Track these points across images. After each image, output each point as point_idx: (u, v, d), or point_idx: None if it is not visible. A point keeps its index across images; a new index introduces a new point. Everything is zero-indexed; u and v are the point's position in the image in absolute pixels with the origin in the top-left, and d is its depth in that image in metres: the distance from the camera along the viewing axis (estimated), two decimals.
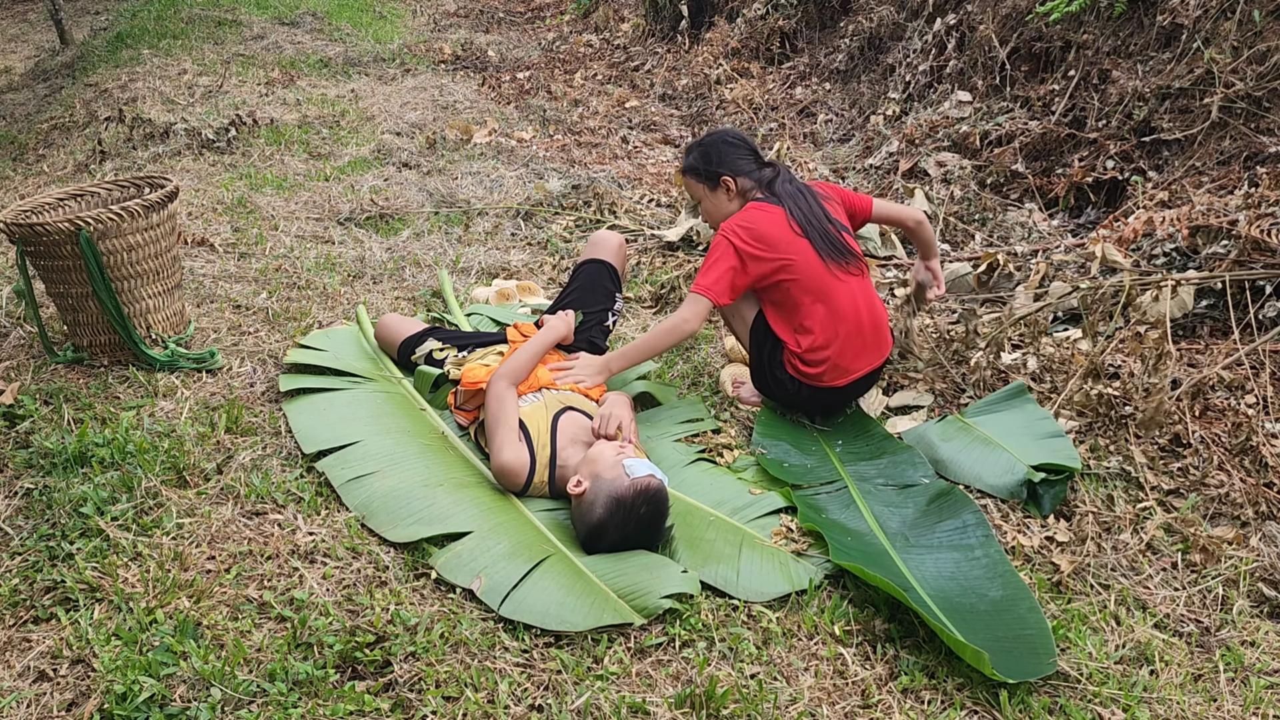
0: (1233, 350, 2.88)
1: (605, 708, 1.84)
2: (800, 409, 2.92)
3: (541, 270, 4.04)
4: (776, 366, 2.82)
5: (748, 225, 2.73)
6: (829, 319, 2.74)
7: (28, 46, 10.05)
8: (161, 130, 5.38)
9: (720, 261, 2.71)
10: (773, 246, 2.70)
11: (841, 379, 2.79)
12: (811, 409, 2.91)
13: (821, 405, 2.89)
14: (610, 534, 2.25)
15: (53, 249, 2.83)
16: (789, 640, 2.05)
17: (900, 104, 5.46)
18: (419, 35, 9.00)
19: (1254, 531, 2.38)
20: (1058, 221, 4.17)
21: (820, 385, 2.79)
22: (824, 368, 2.76)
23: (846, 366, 2.78)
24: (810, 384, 2.79)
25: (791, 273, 2.71)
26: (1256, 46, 3.78)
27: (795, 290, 2.73)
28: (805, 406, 2.90)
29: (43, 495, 2.36)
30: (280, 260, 3.90)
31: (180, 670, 1.85)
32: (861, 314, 2.79)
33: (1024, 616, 2.07)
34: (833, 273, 2.73)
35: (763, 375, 2.88)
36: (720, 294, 2.71)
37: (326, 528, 2.31)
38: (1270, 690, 1.97)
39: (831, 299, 2.73)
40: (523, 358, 2.70)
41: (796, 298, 2.73)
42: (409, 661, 1.92)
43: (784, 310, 2.77)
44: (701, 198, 2.94)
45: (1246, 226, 3.08)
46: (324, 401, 2.80)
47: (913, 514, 2.47)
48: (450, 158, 5.37)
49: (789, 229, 2.73)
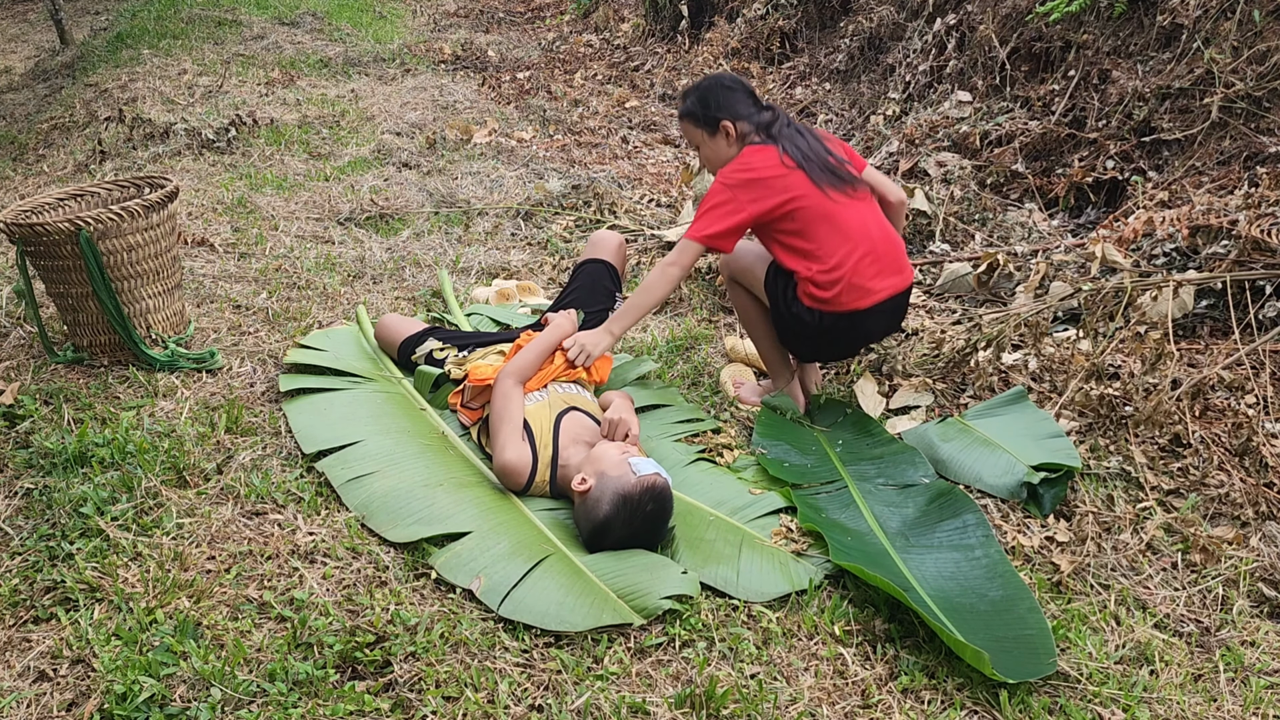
0: (1233, 350, 2.88)
1: (605, 708, 1.84)
2: (827, 347, 2.83)
3: (541, 270, 4.04)
4: (793, 302, 2.74)
5: (742, 168, 2.67)
6: (836, 239, 2.66)
7: (28, 46, 10.05)
8: (161, 130, 5.38)
9: (716, 209, 2.65)
10: (768, 184, 2.65)
11: (862, 300, 2.69)
12: (837, 343, 2.81)
13: (847, 337, 2.79)
14: (616, 530, 2.25)
15: (53, 249, 2.83)
16: (789, 640, 2.05)
17: (900, 104, 5.46)
18: (419, 35, 9.00)
19: (1254, 531, 2.38)
20: (1058, 221, 4.17)
21: (841, 309, 2.69)
22: (839, 288, 2.66)
23: (864, 285, 2.68)
24: (830, 310, 2.69)
25: (792, 205, 2.64)
26: (1256, 46, 3.78)
27: (800, 220, 2.65)
28: (831, 342, 2.80)
29: (43, 495, 2.36)
30: (280, 260, 3.90)
31: (180, 670, 1.85)
32: (872, 233, 2.71)
33: (1024, 616, 2.07)
34: (834, 199, 2.66)
35: (782, 320, 2.80)
36: (714, 239, 2.65)
37: (326, 528, 2.31)
38: (1270, 690, 1.97)
39: (837, 220, 2.66)
40: (529, 356, 2.70)
41: (801, 227, 2.66)
42: (409, 661, 1.92)
43: (791, 244, 2.70)
44: (700, 144, 2.85)
45: (1246, 226, 3.08)
46: (324, 401, 2.80)
47: (913, 514, 2.47)
48: (450, 158, 5.38)
49: (782, 165, 2.66)
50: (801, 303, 2.73)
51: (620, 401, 2.70)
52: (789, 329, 2.83)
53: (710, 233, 2.66)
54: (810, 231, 2.67)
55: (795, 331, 2.81)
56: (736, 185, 2.66)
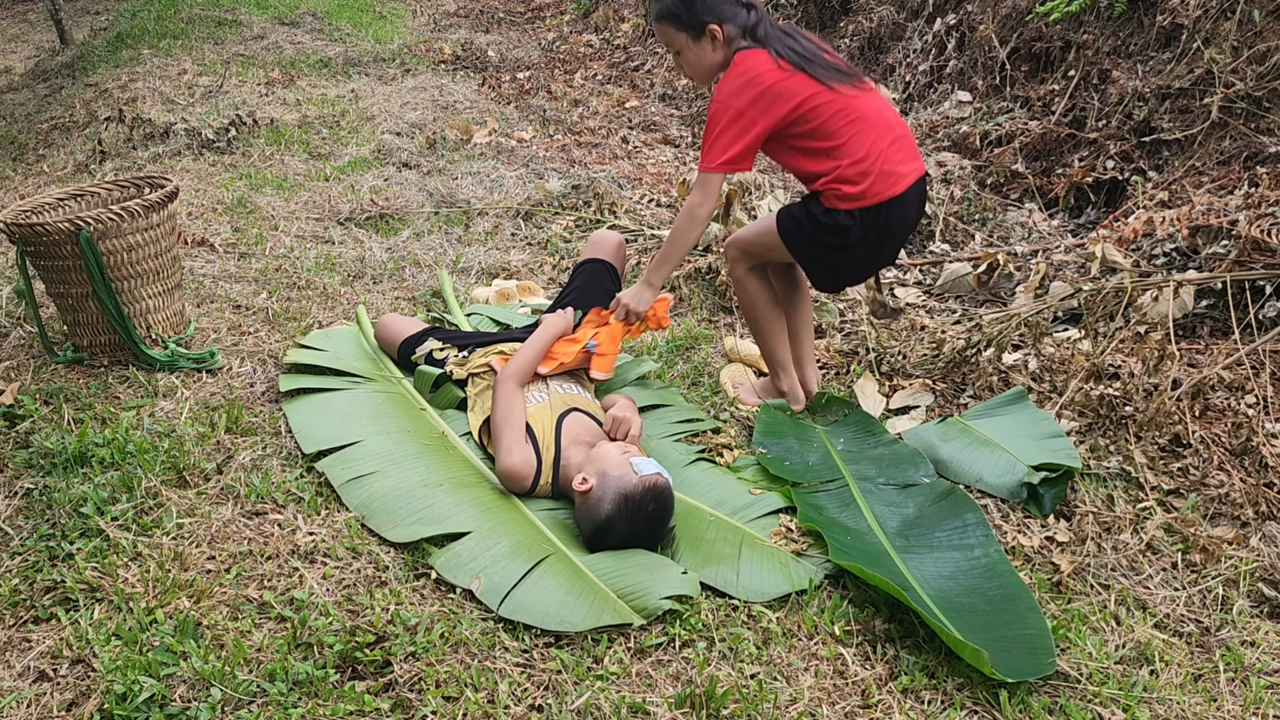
0: (1233, 350, 2.88)
1: (605, 708, 1.84)
2: (868, 254, 2.69)
3: (541, 270, 4.04)
4: (824, 216, 2.60)
5: (741, 79, 2.53)
6: (859, 129, 2.55)
7: (28, 46, 10.05)
8: (161, 130, 5.38)
9: (726, 131, 2.52)
10: (774, 91, 2.51)
11: (895, 186, 2.57)
12: (878, 245, 2.67)
13: (884, 235, 2.65)
14: (618, 530, 2.25)
15: (53, 249, 2.83)
16: (789, 640, 2.05)
17: (900, 104, 5.46)
18: (419, 35, 9.00)
19: (1254, 531, 2.38)
20: (1058, 221, 4.17)
21: (878, 200, 2.56)
22: (872, 179, 2.55)
23: (894, 170, 2.57)
24: (867, 205, 2.56)
25: (805, 107, 2.53)
26: (1256, 46, 3.78)
27: (815, 119, 2.54)
28: (871, 246, 2.66)
29: (43, 495, 2.36)
30: (280, 260, 3.90)
31: (180, 670, 1.85)
32: (889, 118, 2.62)
33: (1023, 616, 2.07)
34: (844, 93, 2.55)
35: (819, 245, 2.67)
36: (732, 163, 2.53)
37: (326, 528, 2.31)
38: (1270, 690, 1.97)
39: (854, 111, 2.56)
40: (527, 355, 2.70)
41: (817, 126, 2.55)
42: (409, 661, 1.92)
43: (811, 146, 2.58)
44: (682, 48, 2.64)
45: (1246, 226, 3.08)
46: (324, 401, 2.80)
47: (913, 513, 2.47)
48: (450, 158, 5.38)
49: (780, 69, 2.53)
50: (839, 210, 2.59)
51: (623, 401, 2.71)
52: (826, 249, 2.68)
53: (728, 157, 2.52)
54: (829, 129, 2.54)
55: (835, 246, 2.66)
56: (741, 100, 2.51)
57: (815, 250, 2.72)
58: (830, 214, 2.61)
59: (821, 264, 2.76)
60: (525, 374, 2.66)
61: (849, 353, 3.37)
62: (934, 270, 3.96)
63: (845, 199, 2.58)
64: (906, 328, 3.27)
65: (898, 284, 3.92)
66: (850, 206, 2.58)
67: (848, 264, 2.74)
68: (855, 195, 2.57)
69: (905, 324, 3.25)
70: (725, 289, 3.76)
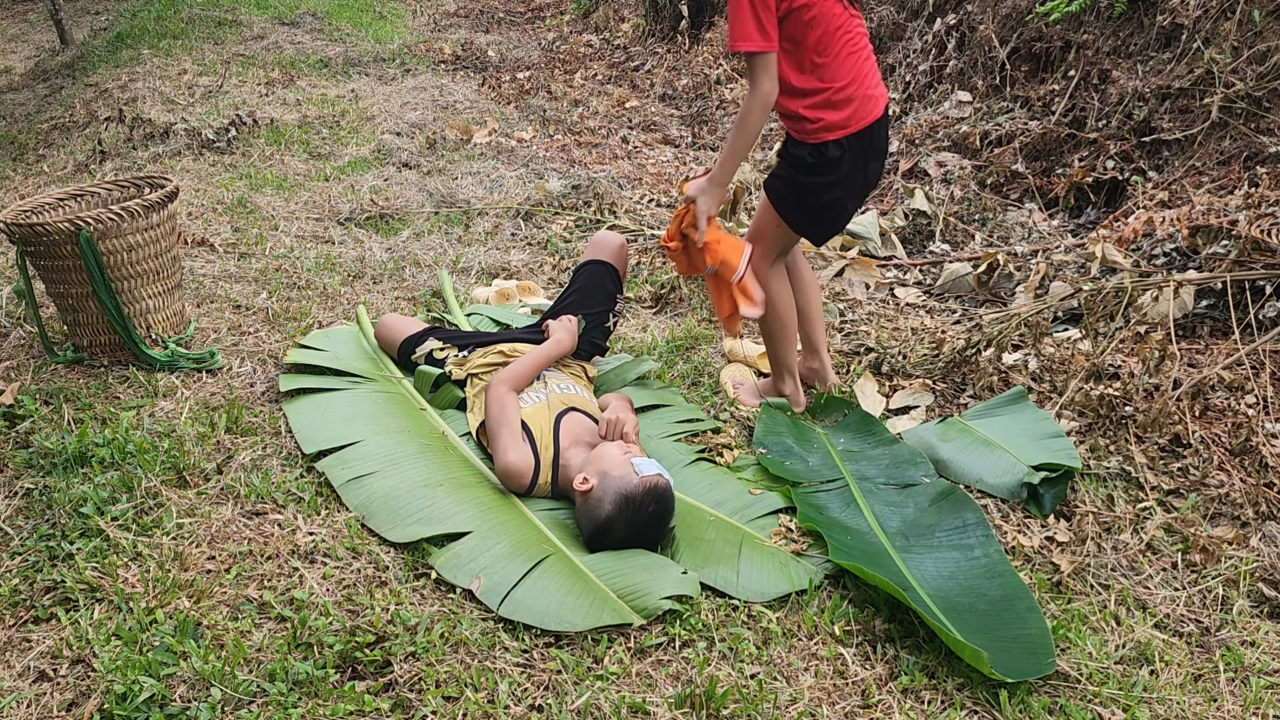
0: (1233, 350, 2.88)
1: (605, 708, 1.84)
2: (856, 184, 2.73)
3: (541, 270, 4.04)
4: (810, 154, 2.64)
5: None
6: (848, 52, 2.59)
7: (28, 46, 10.04)
8: (161, 130, 5.38)
9: (748, 9, 2.48)
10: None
11: (874, 110, 2.63)
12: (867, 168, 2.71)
13: (870, 157, 2.69)
14: (617, 530, 2.25)
15: (53, 249, 2.83)
16: (789, 640, 2.05)
17: (900, 104, 5.46)
18: (419, 35, 9.00)
19: (1254, 531, 2.38)
20: (1058, 221, 4.17)
21: (860, 127, 2.61)
22: (856, 104, 2.60)
23: (871, 94, 2.64)
24: (851, 132, 2.61)
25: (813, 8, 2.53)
26: (1256, 46, 3.78)
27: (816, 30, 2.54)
28: (855, 173, 2.69)
29: (43, 495, 2.36)
30: (280, 260, 3.90)
31: (180, 670, 1.85)
32: (868, 43, 2.69)
33: (1023, 616, 2.07)
34: (845, 7, 2.59)
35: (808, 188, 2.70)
36: (766, 33, 2.50)
37: (326, 528, 2.31)
38: (1270, 690, 1.97)
39: (849, 31, 2.59)
40: (526, 366, 2.70)
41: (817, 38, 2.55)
42: (409, 661, 1.92)
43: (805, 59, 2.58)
44: None
45: (1246, 226, 3.08)
46: (324, 401, 2.81)
47: (913, 513, 2.47)
48: (450, 158, 5.38)
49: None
50: (827, 144, 2.63)
51: (618, 402, 2.70)
52: (817, 193, 2.71)
53: (764, 26, 2.48)
54: (825, 44, 2.56)
55: (827, 186, 2.70)
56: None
57: (808, 201, 2.74)
58: (819, 151, 2.64)
59: (811, 214, 2.77)
60: (519, 382, 2.66)
61: (849, 353, 3.37)
62: (934, 270, 3.96)
63: (831, 129, 2.61)
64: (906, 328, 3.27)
65: (898, 284, 3.92)
66: (836, 136, 2.62)
67: (841, 202, 2.77)
68: (840, 123, 2.61)
69: (905, 324, 3.24)
70: None
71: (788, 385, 3.00)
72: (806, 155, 2.67)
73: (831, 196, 2.74)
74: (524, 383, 2.68)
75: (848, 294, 3.77)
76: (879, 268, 3.97)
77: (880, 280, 3.90)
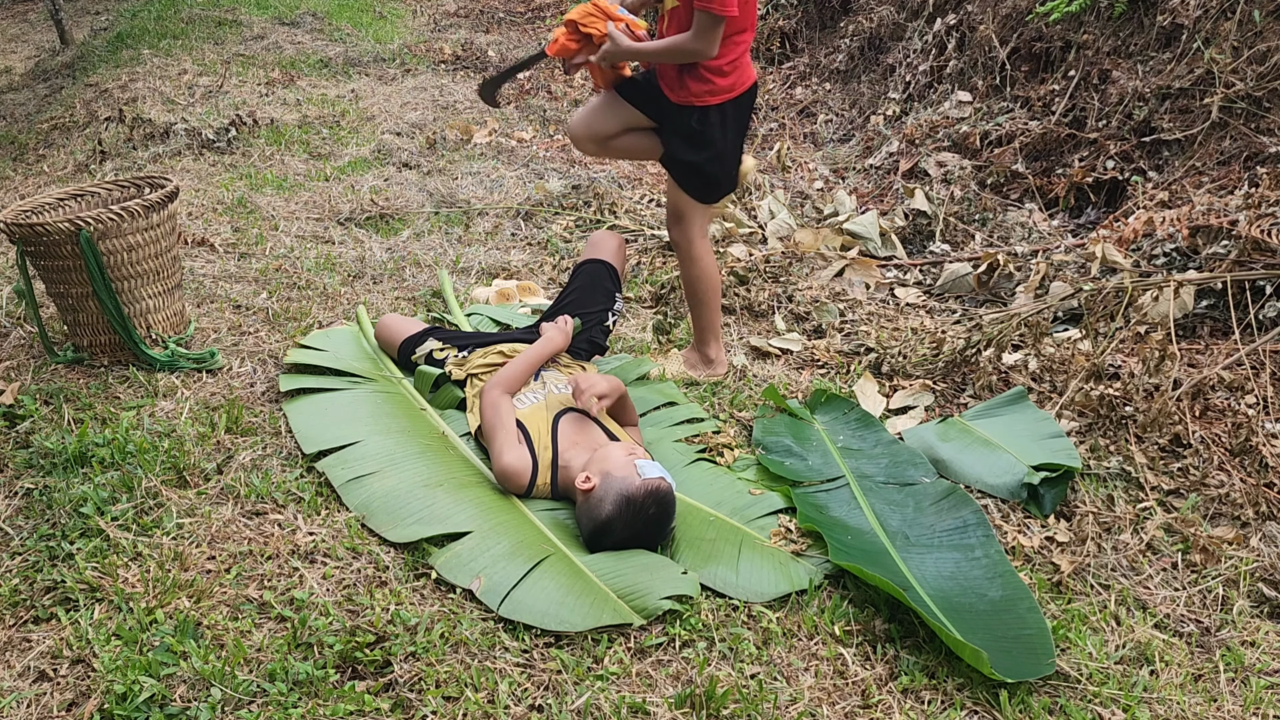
0: (1233, 350, 2.88)
1: (605, 708, 1.84)
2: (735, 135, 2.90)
3: (541, 270, 4.04)
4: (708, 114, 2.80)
5: None
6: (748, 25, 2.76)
7: (28, 46, 10.04)
8: (161, 130, 5.38)
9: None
10: None
11: (750, 72, 2.84)
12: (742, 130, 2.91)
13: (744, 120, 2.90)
14: (617, 531, 2.25)
15: (53, 249, 2.83)
16: (789, 640, 2.05)
17: (900, 104, 5.46)
18: (419, 35, 9.00)
19: (1254, 531, 2.38)
20: (1058, 221, 4.17)
21: (742, 89, 2.81)
22: (741, 70, 2.79)
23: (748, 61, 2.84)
24: (735, 95, 2.79)
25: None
26: (1256, 46, 3.78)
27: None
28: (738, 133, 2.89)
29: (43, 495, 2.36)
30: (280, 260, 3.90)
31: (180, 670, 1.85)
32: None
33: (1023, 616, 2.07)
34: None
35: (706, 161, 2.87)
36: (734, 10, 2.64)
37: (326, 528, 2.31)
38: (1270, 690, 1.97)
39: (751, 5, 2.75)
40: (518, 367, 2.70)
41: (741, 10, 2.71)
42: (409, 661, 1.92)
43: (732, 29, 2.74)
44: None
45: (1246, 226, 3.08)
46: (324, 401, 2.80)
47: (913, 513, 2.47)
48: (450, 158, 5.37)
49: None
50: (713, 110, 2.79)
51: (589, 370, 2.72)
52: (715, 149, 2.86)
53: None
54: (745, 13, 2.72)
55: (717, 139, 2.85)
56: None
57: (708, 165, 2.88)
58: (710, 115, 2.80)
59: (706, 175, 2.91)
60: (512, 384, 2.66)
61: (849, 353, 3.37)
62: (934, 270, 3.96)
63: (719, 92, 2.78)
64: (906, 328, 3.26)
65: (898, 284, 3.92)
66: (723, 100, 2.79)
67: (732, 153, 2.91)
68: (727, 87, 2.78)
69: (905, 324, 3.24)
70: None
71: (713, 348, 3.13)
72: (701, 114, 2.82)
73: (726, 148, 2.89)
74: (517, 384, 2.68)
75: (848, 294, 3.77)
76: (879, 268, 3.97)
77: (880, 280, 3.90)
